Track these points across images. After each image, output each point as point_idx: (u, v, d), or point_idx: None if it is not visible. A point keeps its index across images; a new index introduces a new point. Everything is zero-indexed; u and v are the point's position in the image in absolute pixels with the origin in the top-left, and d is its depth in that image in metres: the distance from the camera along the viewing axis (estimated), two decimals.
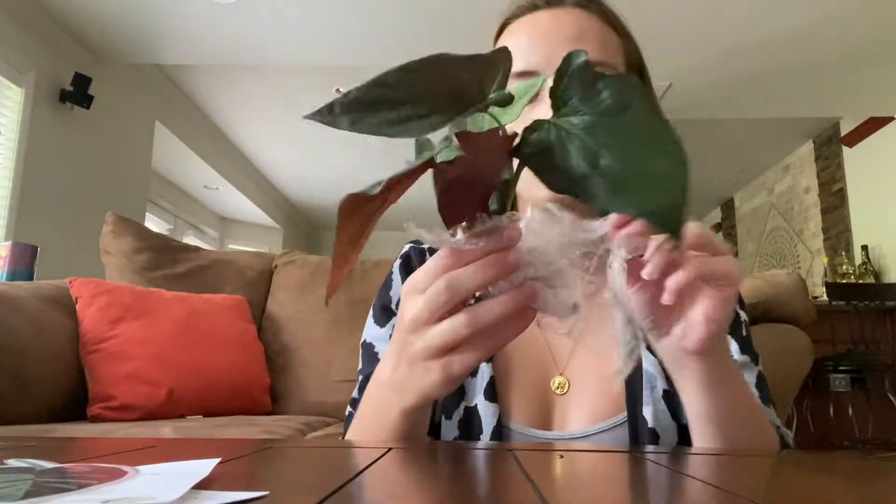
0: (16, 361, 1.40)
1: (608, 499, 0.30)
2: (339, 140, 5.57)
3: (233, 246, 7.03)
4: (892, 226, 4.63)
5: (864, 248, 4.75)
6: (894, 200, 4.61)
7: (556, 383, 0.66)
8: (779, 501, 0.28)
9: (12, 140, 3.21)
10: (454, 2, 3.16)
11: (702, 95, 4.19)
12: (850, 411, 3.62)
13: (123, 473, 0.29)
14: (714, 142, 5.54)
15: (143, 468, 0.30)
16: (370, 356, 0.71)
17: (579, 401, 0.65)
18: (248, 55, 3.77)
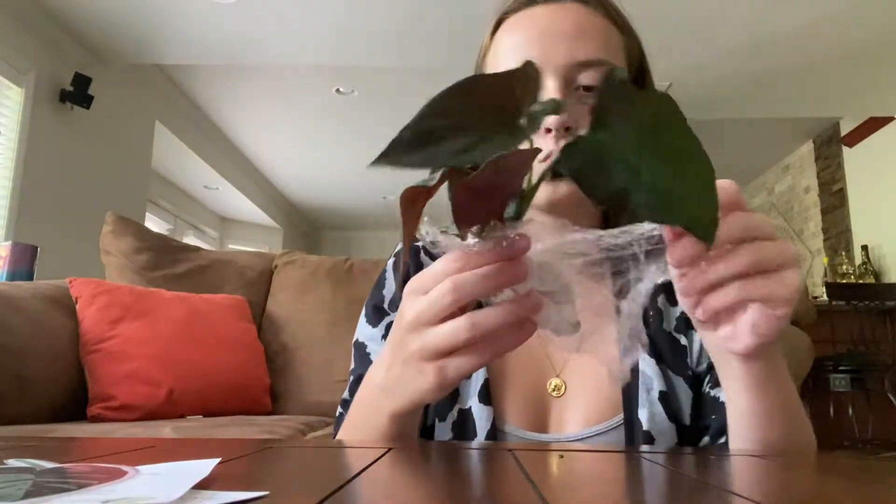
0: (16, 361, 1.40)
1: (609, 499, 0.30)
2: (339, 140, 5.58)
3: (233, 246, 7.03)
4: (892, 226, 4.63)
5: (864, 248, 4.75)
6: (894, 200, 4.61)
7: (553, 385, 0.65)
8: (779, 501, 0.28)
9: (12, 140, 3.21)
10: (454, 2, 3.16)
11: (702, 95, 4.19)
12: (850, 411, 3.62)
13: (123, 473, 0.29)
14: (714, 142, 5.53)
15: (143, 468, 0.30)
16: (362, 356, 0.70)
17: (576, 403, 0.64)
18: (248, 55, 3.77)
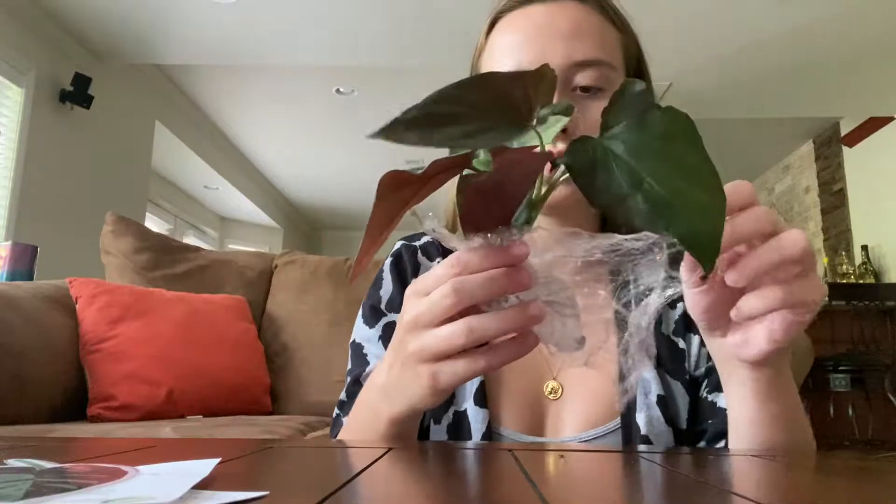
0: (16, 361, 1.40)
1: (609, 499, 0.30)
2: (340, 140, 5.58)
3: (233, 246, 7.03)
4: (892, 226, 4.63)
5: (864, 248, 4.75)
6: (894, 200, 4.60)
7: (549, 388, 0.65)
8: (779, 501, 0.28)
9: (12, 140, 3.21)
10: (454, 2, 3.16)
11: (702, 95, 4.19)
12: (850, 411, 3.62)
13: (123, 473, 0.29)
14: (714, 142, 5.49)
15: (143, 468, 0.30)
16: (359, 357, 0.70)
17: (572, 406, 0.64)
18: (248, 55, 3.77)
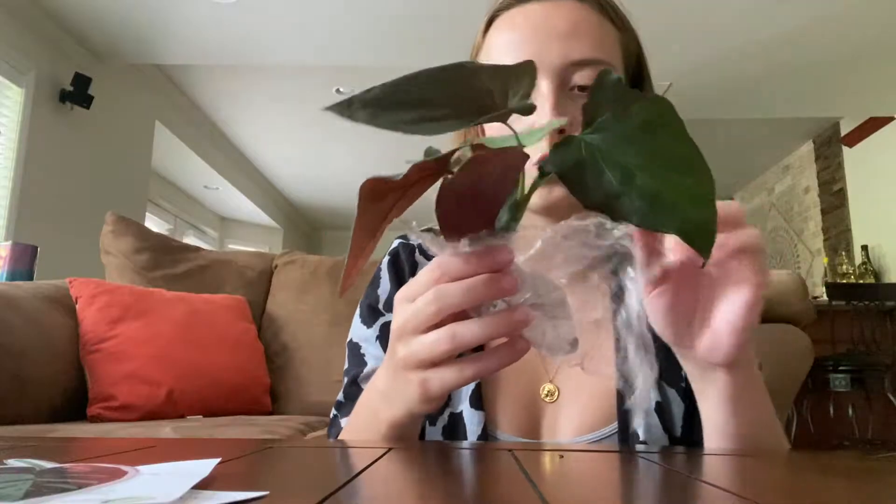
0: (16, 361, 1.40)
1: (609, 499, 0.30)
2: (340, 140, 5.58)
3: (233, 246, 7.03)
4: (892, 226, 4.63)
5: (864, 248, 4.75)
6: (894, 200, 4.61)
7: (546, 391, 0.64)
8: (778, 501, 0.28)
9: (12, 140, 3.21)
10: (454, 2, 3.16)
11: (702, 95, 4.19)
12: (850, 411, 3.62)
13: (123, 473, 0.29)
14: (714, 142, 5.53)
15: (143, 468, 0.30)
16: (356, 357, 0.69)
17: (569, 409, 0.63)
18: (248, 55, 3.77)
